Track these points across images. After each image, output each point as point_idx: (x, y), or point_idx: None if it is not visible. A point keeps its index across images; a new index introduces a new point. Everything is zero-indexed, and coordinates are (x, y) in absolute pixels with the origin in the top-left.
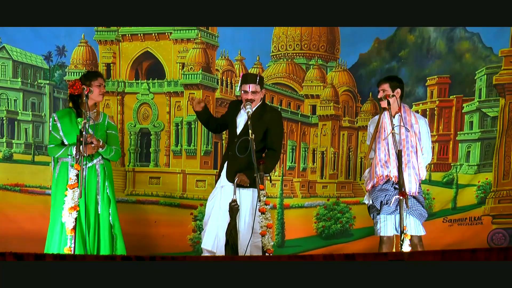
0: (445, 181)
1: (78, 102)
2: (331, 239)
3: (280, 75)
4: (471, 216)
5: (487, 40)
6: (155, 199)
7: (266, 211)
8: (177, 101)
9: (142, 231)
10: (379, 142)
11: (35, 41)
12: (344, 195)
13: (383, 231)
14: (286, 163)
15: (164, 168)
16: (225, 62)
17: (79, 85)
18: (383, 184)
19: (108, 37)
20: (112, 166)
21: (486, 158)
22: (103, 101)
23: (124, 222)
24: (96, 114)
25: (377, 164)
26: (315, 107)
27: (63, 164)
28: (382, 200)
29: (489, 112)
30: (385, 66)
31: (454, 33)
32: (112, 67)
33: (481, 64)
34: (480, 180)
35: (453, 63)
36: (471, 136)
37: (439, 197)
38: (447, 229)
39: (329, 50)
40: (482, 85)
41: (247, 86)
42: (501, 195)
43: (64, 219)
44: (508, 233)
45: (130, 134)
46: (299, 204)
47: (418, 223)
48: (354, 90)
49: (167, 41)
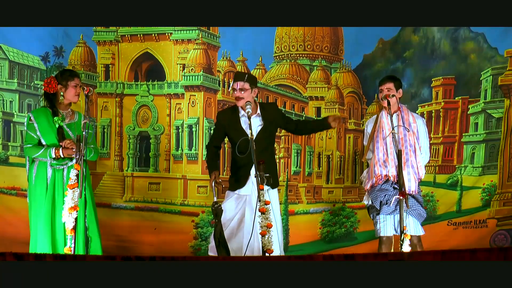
0: (449, 183)
1: (53, 100)
2: (334, 242)
3: (284, 76)
4: (476, 219)
5: (492, 40)
6: (154, 205)
7: (266, 211)
8: (177, 103)
9: (140, 238)
10: (378, 141)
11: (32, 42)
12: (350, 199)
13: (383, 231)
14: (291, 168)
15: (164, 174)
16: (226, 63)
17: (55, 83)
18: (382, 184)
19: (107, 38)
20: (109, 171)
21: (491, 160)
22: (101, 104)
23: (122, 229)
24: (72, 113)
25: (375, 164)
26: (319, 109)
27: (41, 164)
28: (382, 200)
29: (494, 113)
30: (389, 67)
31: (459, 33)
32: (111, 68)
33: (486, 64)
34: (485, 182)
35: (458, 63)
36: (476, 137)
37: (444, 199)
38: (452, 232)
39: (333, 51)
40: (488, 86)
41: (235, 84)
42: (505, 198)
43: (64, 219)
44: (510, 234)
45: (129, 138)
46: (304, 210)
47: (417, 223)
48: (359, 91)
49: (167, 42)
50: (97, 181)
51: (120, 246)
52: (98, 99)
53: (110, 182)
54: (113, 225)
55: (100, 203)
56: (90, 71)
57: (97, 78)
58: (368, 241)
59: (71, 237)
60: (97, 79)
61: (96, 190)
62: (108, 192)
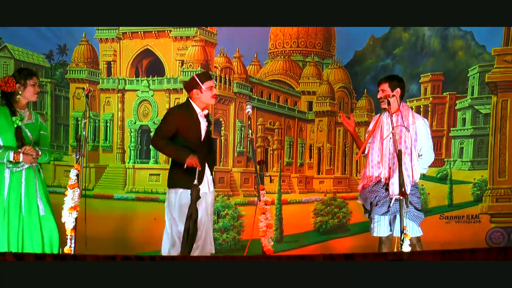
0: (439, 176)
1: (11, 100)
2: (329, 234)
3: (277, 72)
4: (468, 214)
5: (480, 38)
6: (155, 196)
7: (267, 211)
8: (176, 98)
9: (142, 228)
10: (374, 142)
11: (36, 40)
12: (340, 190)
13: (376, 231)
14: (284, 159)
15: (164, 165)
16: (223, 60)
17: (12, 82)
18: (373, 185)
19: (108, 35)
20: (110, 163)
21: (480, 155)
22: (104, 100)
23: (124, 219)
24: (29, 113)
25: (368, 165)
26: (311, 104)
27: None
28: (372, 201)
29: (482, 109)
30: (380, 63)
31: (448, 31)
32: (112, 65)
33: (474, 62)
34: (475, 177)
35: (447, 61)
36: (464, 132)
37: (434, 192)
38: (444, 226)
39: (325, 48)
40: (475, 83)
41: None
42: (498, 194)
43: (64, 219)
44: (506, 232)
45: (130, 131)
46: (296, 200)
47: (413, 224)
48: (350, 86)
49: (166, 39)
50: (100, 173)
51: (121, 236)
52: (101, 94)
53: (113, 174)
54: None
55: (103, 195)
56: (92, 68)
57: (100, 74)
58: (362, 233)
59: (71, 237)
60: (99, 75)
61: (99, 182)
62: (111, 184)
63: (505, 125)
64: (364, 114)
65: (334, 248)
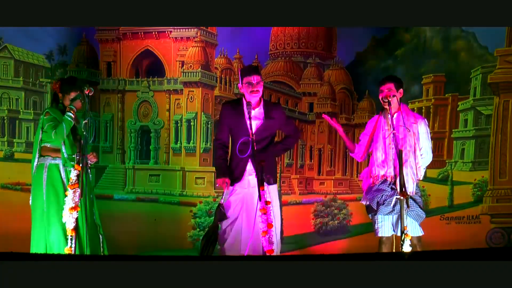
0: (440, 177)
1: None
2: (329, 235)
3: (278, 73)
4: (468, 214)
5: (482, 39)
6: (154, 196)
7: (267, 211)
8: (176, 98)
9: (142, 229)
10: (378, 141)
11: (36, 41)
12: (341, 191)
13: (381, 231)
14: (284, 160)
15: (163, 166)
16: (224, 60)
17: None
18: (379, 184)
19: (109, 36)
20: (112, 164)
21: (481, 156)
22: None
23: (123, 220)
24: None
25: (373, 164)
26: (312, 105)
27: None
28: (379, 200)
29: (484, 110)
30: (381, 64)
31: (450, 32)
32: (112, 65)
33: (476, 63)
34: (476, 178)
35: (449, 62)
36: (466, 133)
37: (435, 193)
38: (445, 227)
39: (326, 49)
40: (477, 84)
41: (251, 77)
42: (499, 194)
43: (65, 219)
44: (506, 232)
45: (130, 132)
46: (296, 201)
47: (415, 224)
48: (351, 88)
49: (167, 40)
50: (100, 174)
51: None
52: (101, 95)
53: (113, 174)
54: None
55: (103, 196)
56: (92, 68)
57: (100, 75)
58: (362, 234)
59: (71, 237)
60: (99, 76)
61: (99, 182)
62: (111, 184)
63: (506, 126)
64: (366, 116)
65: (334, 249)
